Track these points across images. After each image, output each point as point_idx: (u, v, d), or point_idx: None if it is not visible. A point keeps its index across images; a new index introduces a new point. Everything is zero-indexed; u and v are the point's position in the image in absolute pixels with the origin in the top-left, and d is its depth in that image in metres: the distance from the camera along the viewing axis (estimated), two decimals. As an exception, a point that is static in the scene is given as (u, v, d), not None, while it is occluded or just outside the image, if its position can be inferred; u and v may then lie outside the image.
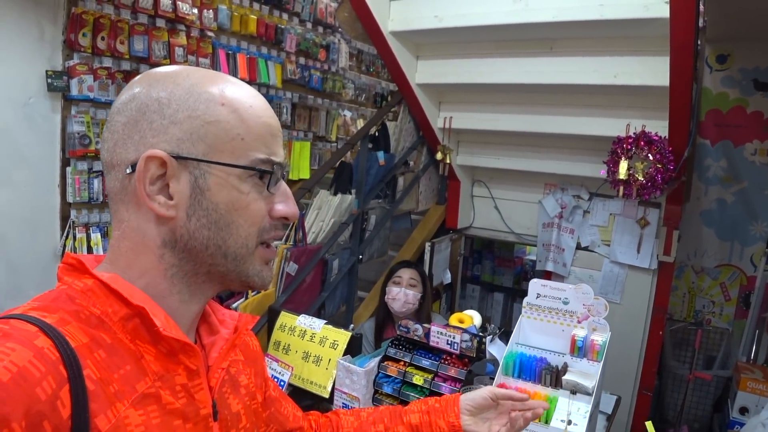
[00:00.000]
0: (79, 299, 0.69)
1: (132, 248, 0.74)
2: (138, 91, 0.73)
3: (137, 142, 0.71)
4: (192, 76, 0.74)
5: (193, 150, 0.71)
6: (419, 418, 1.16)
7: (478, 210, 4.60)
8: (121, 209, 0.74)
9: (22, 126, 2.92)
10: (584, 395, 1.96)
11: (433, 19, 3.43)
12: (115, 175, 0.73)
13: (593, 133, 3.54)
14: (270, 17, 4.34)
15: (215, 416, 0.78)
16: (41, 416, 0.57)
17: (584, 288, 2.13)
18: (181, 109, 0.71)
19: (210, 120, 0.72)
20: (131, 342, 0.69)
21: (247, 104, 0.75)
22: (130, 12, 3.28)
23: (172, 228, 0.73)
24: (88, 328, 0.67)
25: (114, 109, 0.74)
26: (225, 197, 0.73)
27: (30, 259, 3.03)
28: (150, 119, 0.71)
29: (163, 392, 0.70)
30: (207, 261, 0.75)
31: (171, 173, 0.71)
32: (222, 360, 0.82)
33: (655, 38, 2.90)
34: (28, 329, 0.61)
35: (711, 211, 4.32)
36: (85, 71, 3.08)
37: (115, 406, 0.64)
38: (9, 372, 0.56)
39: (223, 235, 0.74)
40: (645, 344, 3.77)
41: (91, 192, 3.18)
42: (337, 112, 5.31)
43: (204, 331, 0.85)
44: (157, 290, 0.74)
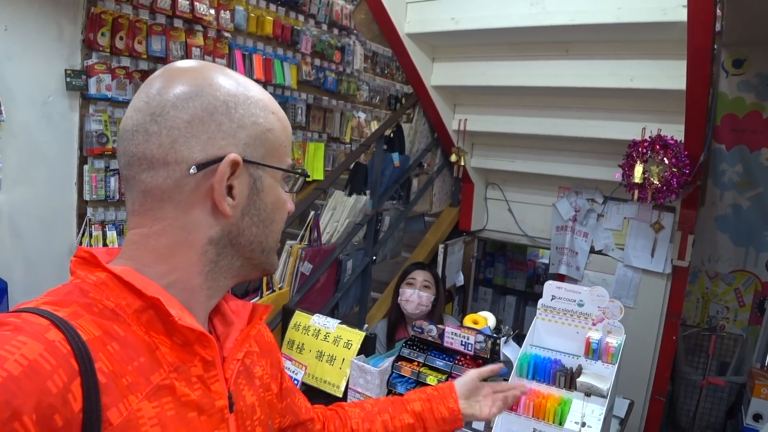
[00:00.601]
0: (92, 292, 0.69)
1: (169, 245, 0.74)
2: (199, 89, 0.73)
3: (205, 143, 0.73)
4: (238, 80, 0.78)
5: (255, 154, 0.76)
6: (421, 406, 1.22)
7: (491, 212, 4.60)
8: (166, 207, 0.74)
9: (40, 124, 2.96)
10: (598, 398, 1.96)
11: (450, 22, 3.44)
12: (168, 173, 0.72)
13: (608, 137, 3.53)
14: (286, 19, 4.36)
15: (231, 408, 0.78)
16: (52, 409, 0.57)
17: (599, 290, 2.13)
18: (246, 114, 0.76)
19: (268, 128, 0.78)
20: (146, 334, 0.69)
21: (282, 113, 0.83)
22: (149, 12, 3.30)
23: (225, 226, 0.76)
24: (102, 321, 0.66)
25: (167, 103, 0.72)
26: (272, 197, 0.80)
27: (47, 256, 3.06)
28: (219, 121, 0.73)
29: (178, 383, 0.70)
30: (246, 255, 0.80)
31: (237, 175, 0.74)
32: (237, 351, 0.82)
33: (672, 42, 2.89)
34: (40, 322, 0.61)
35: (726, 217, 4.30)
36: (103, 70, 3.11)
37: (127, 398, 0.64)
38: (20, 365, 0.56)
39: (266, 231, 0.81)
40: (658, 349, 3.75)
41: (107, 190, 3.20)
42: (352, 113, 5.32)
43: (218, 322, 0.86)
44: (187, 285, 0.75)
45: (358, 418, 1.18)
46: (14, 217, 2.90)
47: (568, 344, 2.15)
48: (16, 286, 2.90)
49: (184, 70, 0.76)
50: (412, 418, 1.20)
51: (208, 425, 0.73)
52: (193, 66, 0.77)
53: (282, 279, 2.96)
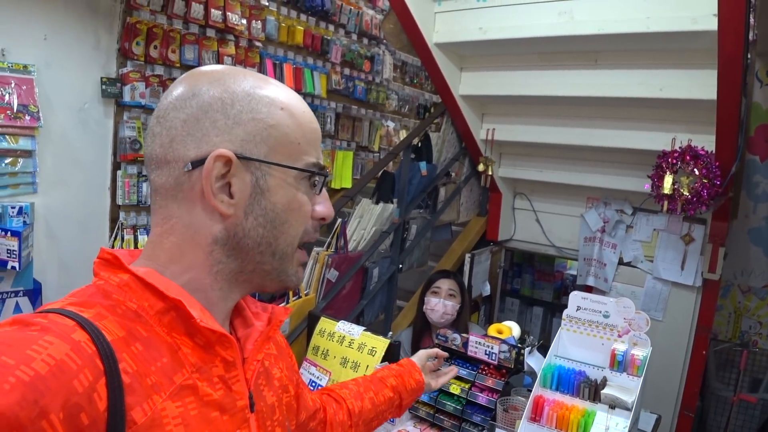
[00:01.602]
0: (116, 294, 0.70)
1: (178, 244, 0.75)
2: (197, 89, 0.74)
3: (199, 140, 0.73)
4: (248, 78, 0.77)
5: (256, 151, 0.74)
6: (395, 381, 1.41)
7: (519, 222, 4.58)
8: (171, 205, 0.76)
9: (77, 130, 3.04)
10: (623, 410, 1.93)
11: (478, 32, 3.44)
12: (169, 171, 0.74)
13: (638, 147, 3.50)
14: (316, 29, 4.42)
15: (252, 408, 0.79)
16: (78, 408, 0.58)
17: (625, 302, 2.11)
18: (244, 110, 0.74)
19: (272, 123, 0.75)
20: (168, 335, 0.70)
21: (301, 110, 0.80)
22: (182, 22, 3.38)
23: (228, 226, 0.75)
24: (125, 322, 0.68)
25: (168, 105, 0.75)
26: (282, 198, 0.77)
27: (80, 259, 3.13)
28: (213, 118, 0.73)
29: (201, 384, 0.71)
30: (255, 258, 0.78)
31: (234, 172, 0.73)
32: (257, 352, 0.83)
33: (703, 51, 2.86)
34: (66, 323, 0.62)
35: (760, 229, 4.21)
36: (137, 78, 3.18)
37: (151, 398, 0.65)
38: (47, 365, 0.57)
39: (275, 233, 0.77)
40: (687, 364, 3.69)
41: (140, 195, 3.27)
42: (380, 122, 5.35)
43: (239, 324, 0.87)
44: (200, 285, 0.76)
45: (350, 398, 1.27)
46: (50, 219, 2.98)
47: (593, 356, 2.13)
48: (49, 288, 2.97)
49: (193, 74, 0.78)
50: (391, 392, 1.38)
51: (230, 425, 0.74)
52: (203, 70, 0.78)
53: (308, 285, 2.98)
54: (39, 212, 2.92)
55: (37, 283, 2.87)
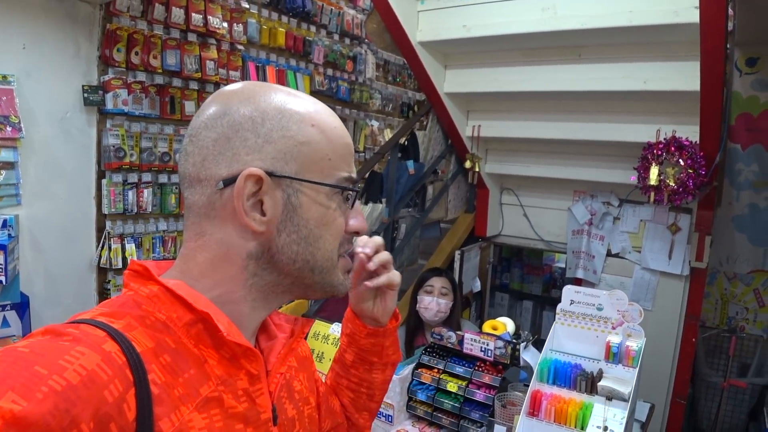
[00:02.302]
0: (145, 305, 0.71)
1: (211, 260, 0.76)
2: (228, 108, 0.75)
3: (230, 159, 0.73)
4: (279, 94, 0.77)
5: (286, 168, 0.74)
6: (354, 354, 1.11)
7: (506, 218, 4.59)
8: (204, 222, 0.76)
9: (59, 140, 3.00)
10: (620, 401, 1.95)
11: (462, 29, 3.45)
12: (202, 189, 0.75)
13: (623, 139, 3.53)
14: (298, 30, 4.40)
15: (275, 421, 0.79)
16: (108, 418, 0.58)
17: (618, 294, 2.13)
18: (275, 128, 0.74)
19: (302, 140, 0.75)
20: (195, 347, 0.71)
21: (332, 125, 0.79)
22: (163, 27, 3.35)
23: (262, 242, 0.75)
24: (154, 333, 0.68)
25: (201, 125, 0.76)
26: (314, 214, 0.77)
27: (67, 269, 3.10)
28: (244, 137, 0.73)
29: (226, 396, 0.71)
30: (293, 274, 0.78)
31: (265, 190, 0.73)
32: (281, 365, 0.83)
33: (685, 43, 2.89)
34: (97, 334, 0.63)
35: (743, 217, 4.26)
36: (119, 85, 3.16)
37: (179, 409, 0.66)
38: (79, 375, 0.57)
39: (311, 249, 0.77)
40: (678, 351, 3.73)
41: (125, 203, 3.24)
42: (365, 122, 5.35)
43: (262, 337, 0.87)
44: (232, 297, 0.76)
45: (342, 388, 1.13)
46: (34, 231, 2.95)
47: (588, 348, 2.15)
48: (37, 300, 2.94)
49: (224, 92, 0.78)
50: (352, 356, 1.10)
51: None
52: (233, 88, 0.78)
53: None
54: (24, 224, 2.89)
55: (25, 296, 2.84)
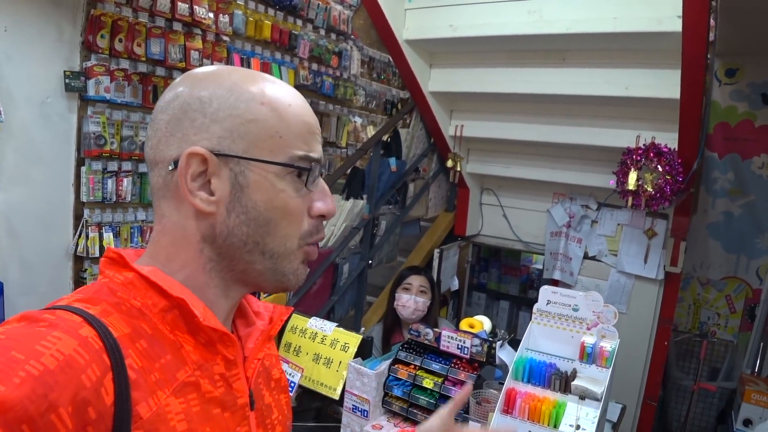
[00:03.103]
0: (120, 292, 0.71)
1: (172, 242, 0.76)
2: (181, 90, 0.75)
3: (179, 140, 0.73)
4: (233, 76, 0.76)
5: (234, 147, 0.73)
6: None
7: (486, 218, 4.63)
8: (162, 205, 0.77)
9: (38, 125, 2.96)
10: (593, 401, 1.98)
11: (448, 29, 3.47)
12: (158, 171, 0.76)
13: (603, 144, 3.58)
14: (284, 23, 4.38)
15: (252, 406, 0.80)
16: (86, 402, 0.59)
17: (594, 295, 2.16)
18: (222, 107, 0.73)
19: (250, 118, 0.73)
20: (171, 333, 0.71)
21: (286, 103, 0.76)
22: (148, 15, 3.31)
23: (212, 224, 0.75)
24: (130, 319, 0.68)
25: (158, 108, 0.76)
26: (263, 195, 0.74)
27: (43, 257, 3.06)
28: (192, 117, 0.73)
29: (203, 381, 0.72)
30: (245, 258, 0.76)
31: (212, 170, 0.73)
32: (258, 351, 0.83)
33: (667, 51, 2.94)
34: (74, 319, 0.63)
35: (718, 224, 4.34)
36: (102, 72, 3.12)
37: (156, 394, 0.66)
38: (56, 360, 0.58)
39: (261, 232, 0.75)
40: (650, 354, 3.79)
41: (104, 192, 3.21)
42: (348, 118, 5.34)
43: (240, 323, 0.87)
44: (196, 283, 0.76)
45: None
46: (11, 217, 2.90)
47: (563, 348, 2.18)
48: (11, 287, 2.90)
49: (185, 75, 0.79)
50: None
51: (231, 422, 0.75)
52: (195, 71, 0.79)
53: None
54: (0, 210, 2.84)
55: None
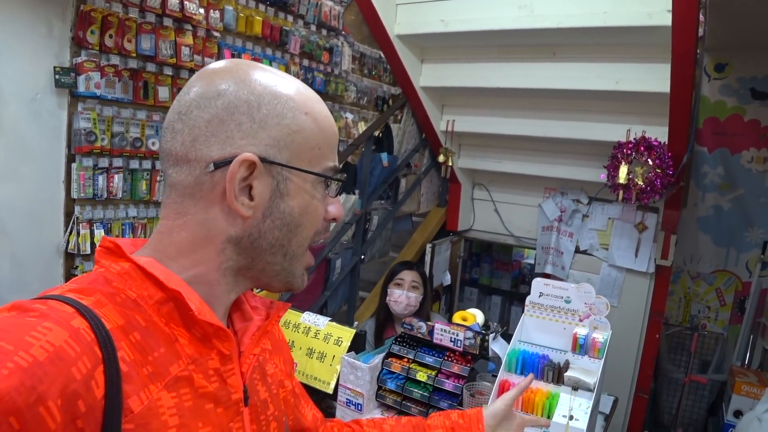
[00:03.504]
0: (116, 282, 0.70)
1: (190, 240, 0.75)
2: (221, 88, 0.74)
3: (223, 141, 0.73)
4: (271, 78, 0.77)
5: (279, 156, 0.74)
6: None
7: (478, 213, 4.64)
8: (187, 202, 0.75)
9: (28, 121, 2.94)
10: (585, 392, 1.99)
11: (439, 24, 3.47)
12: (189, 169, 0.74)
13: (594, 138, 3.59)
14: (275, 19, 4.37)
15: (246, 401, 0.79)
16: (76, 395, 0.58)
17: (586, 287, 2.17)
18: (270, 114, 0.74)
19: (296, 129, 0.76)
20: (165, 325, 0.70)
21: (323, 114, 0.80)
22: (138, 10, 3.30)
23: (245, 227, 0.75)
24: (124, 311, 0.68)
25: (191, 102, 0.74)
26: (299, 202, 0.77)
27: (33, 253, 3.05)
28: (239, 120, 0.73)
29: (196, 376, 0.71)
30: (266, 258, 0.78)
31: (256, 176, 0.73)
32: (254, 346, 0.83)
33: (657, 46, 2.95)
34: (65, 310, 0.62)
35: (707, 218, 4.37)
36: (92, 68, 3.10)
37: (148, 387, 0.65)
38: (46, 351, 0.57)
39: (290, 236, 0.78)
40: (642, 347, 3.81)
41: (95, 188, 3.20)
42: (339, 114, 5.34)
43: (237, 317, 0.87)
44: (206, 279, 0.76)
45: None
46: (1, 214, 2.89)
47: (556, 340, 2.19)
48: (2, 284, 2.89)
49: (216, 71, 0.77)
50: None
51: (224, 417, 0.75)
52: (224, 66, 0.77)
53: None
54: (-10, 206, 2.83)
55: (-10, 279, 2.79)
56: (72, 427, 0.58)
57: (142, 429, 0.64)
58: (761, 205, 4.18)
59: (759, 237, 4.21)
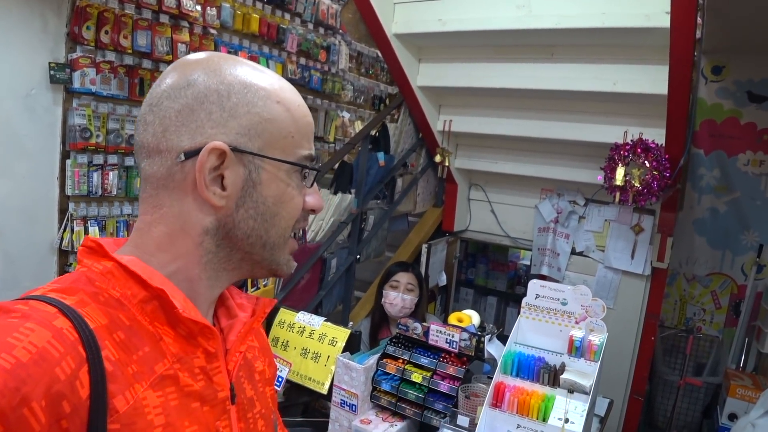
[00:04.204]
0: (99, 281, 0.69)
1: (168, 233, 0.74)
2: (191, 78, 0.73)
3: (193, 131, 0.72)
4: (243, 67, 0.76)
5: (250, 144, 0.73)
6: None
7: (474, 213, 4.63)
8: (161, 194, 0.75)
9: (23, 117, 2.92)
10: (581, 394, 1.98)
11: (437, 23, 3.47)
12: (161, 161, 0.73)
13: (591, 139, 3.58)
14: (272, 17, 4.36)
15: (233, 399, 0.78)
16: (61, 396, 0.57)
17: (582, 289, 2.17)
18: (240, 103, 0.73)
19: (267, 117, 0.74)
20: (150, 324, 0.70)
21: (296, 103, 0.79)
22: (135, 7, 3.28)
23: (219, 217, 0.74)
24: (108, 310, 0.67)
25: (161, 93, 0.74)
26: (274, 191, 0.76)
27: (27, 251, 3.02)
28: (209, 109, 0.72)
29: (182, 374, 0.70)
30: (245, 249, 0.77)
31: (227, 165, 0.72)
32: (240, 343, 0.82)
33: (655, 47, 2.95)
34: (48, 310, 0.62)
35: (703, 220, 4.38)
36: (87, 64, 3.08)
37: (133, 387, 0.64)
38: (29, 352, 0.56)
39: (266, 226, 0.77)
40: (637, 349, 3.81)
41: (90, 185, 3.17)
42: (336, 113, 5.33)
43: (222, 314, 0.86)
44: (188, 274, 0.75)
45: None
46: (-6, 210, 2.87)
47: (552, 342, 2.18)
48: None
49: (189, 62, 0.76)
50: None
51: (211, 416, 0.74)
52: (197, 58, 0.77)
53: (266, 276, 2.95)
54: (-17, 203, 2.81)
55: (-18, 276, 2.77)
56: (57, 428, 0.57)
57: (128, 429, 0.63)
58: (757, 207, 4.20)
59: (755, 240, 4.22)
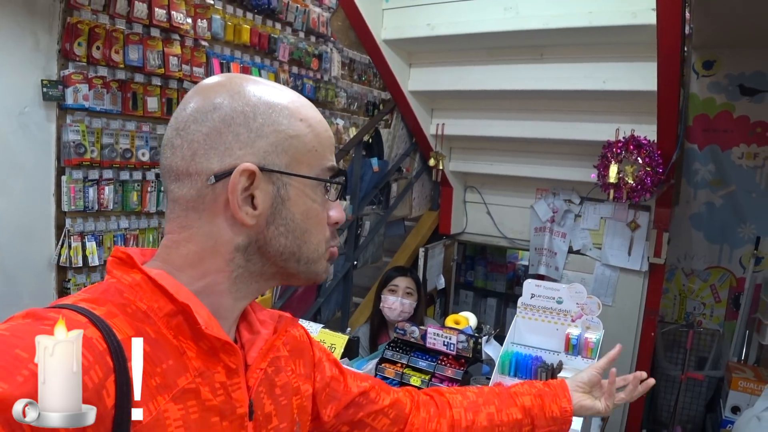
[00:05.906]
0: (127, 293, 0.71)
1: (197, 252, 0.76)
2: (216, 102, 0.75)
3: (222, 153, 0.74)
4: (264, 88, 0.78)
5: (278, 162, 0.76)
6: (531, 401, 1.18)
7: (470, 216, 4.64)
8: (191, 215, 0.76)
9: (17, 135, 2.93)
10: (579, 392, 1.99)
11: (426, 28, 3.48)
12: (191, 183, 0.75)
13: (583, 138, 3.60)
14: (263, 27, 4.37)
15: (251, 416, 0.80)
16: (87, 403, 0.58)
17: (577, 287, 2.17)
18: (266, 123, 0.75)
19: (292, 134, 0.77)
20: (174, 338, 0.71)
21: (317, 118, 0.81)
22: (125, 22, 3.29)
23: (250, 235, 0.76)
24: (134, 322, 0.69)
25: (188, 118, 0.76)
26: (301, 207, 0.78)
27: (25, 268, 3.03)
28: (236, 132, 0.74)
29: (203, 388, 0.72)
30: (279, 264, 0.79)
31: (256, 184, 0.74)
32: (261, 360, 0.84)
33: (643, 44, 2.96)
34: (79, 319, 0.63)
35: (700, 215, 4.38)
36: (80, 80, 3.09)
37: (156, 399, 0.66)
38: None
39: (298, 242, 0.79)
40: (637, 346, 3.82)
41: (86, 200, 3.18)
42: (330, 120, 5.33)
43: (244, 329, 0.87)
44: (216, 289, 0.77)
45: (460, 407, 1.15)
46: (-9, 228, 2.88)
47: (549, 341, 2.19)
48: (-6, 299, 2.87)
49: (210, 86, 0.78)
50: (520, 413, 1.17)
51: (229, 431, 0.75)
52: (218, 81, 0.79)
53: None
54: (-21, 221, 2.81)
55: (-20, 294, 2.77)
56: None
57: None
58: (753, 200, 4.20)
59: (752, 232, 4.23)
